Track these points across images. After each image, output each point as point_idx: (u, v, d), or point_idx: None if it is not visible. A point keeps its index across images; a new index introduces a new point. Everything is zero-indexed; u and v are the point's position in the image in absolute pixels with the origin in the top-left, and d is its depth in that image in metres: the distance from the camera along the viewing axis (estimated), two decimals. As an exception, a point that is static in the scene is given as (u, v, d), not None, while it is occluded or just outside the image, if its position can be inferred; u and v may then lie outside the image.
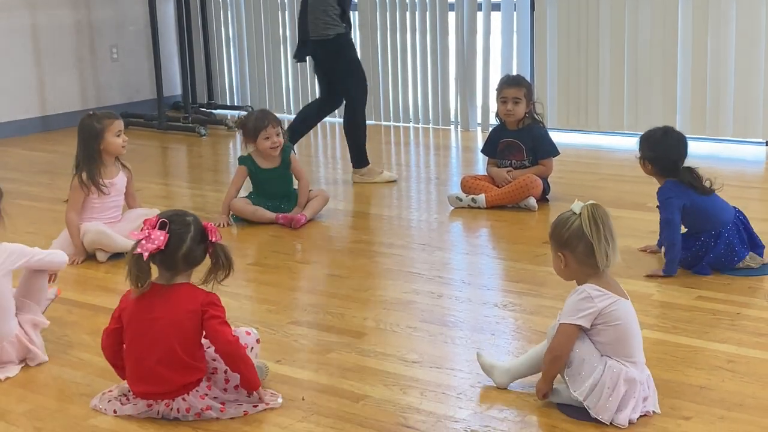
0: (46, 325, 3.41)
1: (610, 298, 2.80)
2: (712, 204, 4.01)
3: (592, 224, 2.79)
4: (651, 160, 4.05)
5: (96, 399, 3.02)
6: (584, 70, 7.03)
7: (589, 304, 2.79)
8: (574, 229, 2.81)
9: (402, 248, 4.61)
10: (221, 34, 8.83)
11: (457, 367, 3.23)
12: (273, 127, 5.01)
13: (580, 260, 2.83)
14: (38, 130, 8.04)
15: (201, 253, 2.90)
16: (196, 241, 2.87)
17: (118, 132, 4.52)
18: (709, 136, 6.58)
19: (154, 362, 2.86)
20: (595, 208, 2.82)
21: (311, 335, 3.55)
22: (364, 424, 2.85)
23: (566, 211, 2.88)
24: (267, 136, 5.00)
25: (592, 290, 2.81)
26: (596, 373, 2.77)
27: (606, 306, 2.79)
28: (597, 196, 5.28)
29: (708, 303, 3.73)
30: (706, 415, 2.83)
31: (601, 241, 2.79)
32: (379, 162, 6.73)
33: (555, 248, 2.89)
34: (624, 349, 2.81)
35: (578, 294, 2.82)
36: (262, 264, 4.46)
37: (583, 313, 2.79)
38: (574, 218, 2.83)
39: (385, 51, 7.89)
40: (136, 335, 2.90)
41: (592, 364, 2.78)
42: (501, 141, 5.34)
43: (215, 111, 8.56)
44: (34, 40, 8.00)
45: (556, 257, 2.90)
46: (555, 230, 2.88)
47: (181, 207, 5.48)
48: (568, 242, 2.83)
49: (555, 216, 2.97)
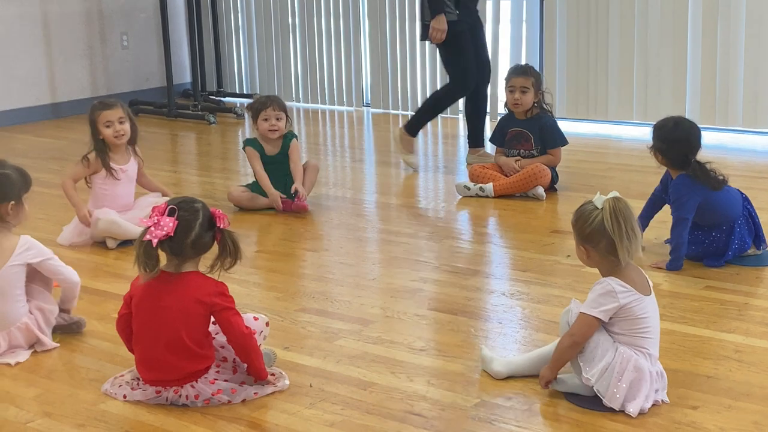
0: (56, 312, 3.43)
1: (633, 296, 2.79)
2: (724, 198, 3.98)
3: (614, 221, 2.77)
4: (662, 152, 4.03)
5: (107, 383, 3.04)
6: (593, 60, 7.01)
7: (612, 299, 2.78)
8: (596, 225, 2.79)
9: (410, 236, 4.62)
10: (231, 22, 8.84)
11: (465, 355, 3.24)
12: (274, 110, 5.02)
13: (603, 255, 2.82)
14: (49, 117, 8.07)
15: (209, 239, 2.91)
16: (204, 227, 2.88)
17: (107, 123, 4.52)
18: (719, 126, 6.56)
19: (162, 350, 2.87)
20: (617, 203, 2.79)
21: (319, 322, 3.56)
22: (371, 411, 2.86)
23: (588, 203, 2.86)
24: (266, 117, 5.02)
25: (617, 285, 2.79)
26: (608, 356, 2.78)
27: (628, 303, 2.79)
28: (605, 185, 5.29)
29: (716, 293, 3.73)
30: (714, 405, 2.83)
31: (623, 237, 2.77)
32: (387, 150, 6.74)
33: (577, 240, 2.88)
34: (637, 340, 2.81)
35: (602, 287, 2.80)
36: (270, 251, 4.48)
37: (604, 308, 2.79)
38: (596, 213, 2.80)
39: (393, 38, 7.88)
40: (144, 323, 2.92)
41: (605, 348, 2.79)
42: (509, 130, 5.34)
43: (224, 99, 8.57)
44: (45, 27, 8.02)
45: (578, 248, 2.89)
46: (577, 223, 2.86)
47: (189, 194, 5.52)
48: (590, 237, 2.82)
49: (563, 205, 2.97)
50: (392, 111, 7.94)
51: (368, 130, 7.56)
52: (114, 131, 4.54)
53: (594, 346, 2.80)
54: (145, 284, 2.91)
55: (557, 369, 2.89)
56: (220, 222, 2.90)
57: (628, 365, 2.77)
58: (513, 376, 3.01)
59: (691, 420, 2.75)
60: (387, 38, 7.90)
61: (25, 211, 3.39)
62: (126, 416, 2.89)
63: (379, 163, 6.31)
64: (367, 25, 8.04)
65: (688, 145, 3.99)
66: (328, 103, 8.32)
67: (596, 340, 2.80)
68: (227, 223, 2.93)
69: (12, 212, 3.32)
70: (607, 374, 2.77)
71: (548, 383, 2.90)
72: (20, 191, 3.36)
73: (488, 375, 3.05)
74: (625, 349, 2.79)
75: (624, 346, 2.80)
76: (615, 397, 2.77)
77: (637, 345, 2.81)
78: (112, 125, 4.53)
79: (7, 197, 3.31)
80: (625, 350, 2.79)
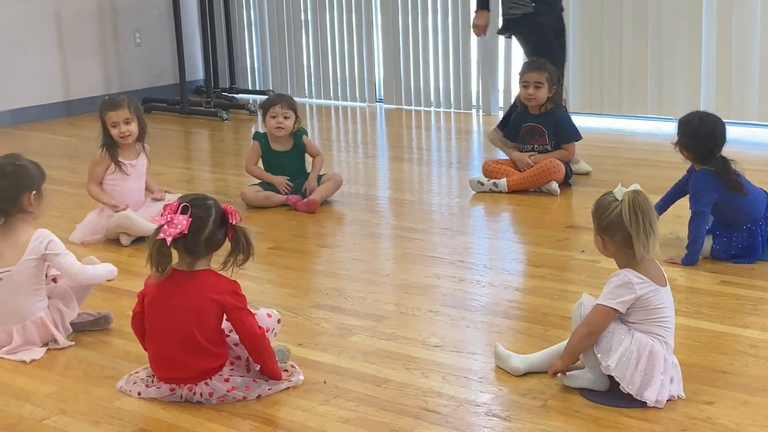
0: (73, 317, 3.43)
1: (650, 286, 2.79)
2: (744, 199, 3.96)
3: (632, 214, 2.76)
4: (687, 147, 4.01)
5: (122, 380, 3.05)
6: (607, 54, 6.98)
7: (629, 290, 2.78)
8: (614, 217, 2.79)
9: (423, 232, 4.61)
10: (243, 18, 8.84)
11: (479, 351, 3.23)
12: (282, 107, 5.04)
13: (618, 246, 2.82)
14: (62, 114, 8.09)
15: (222, 236, 2.91)
16: (217, 224, 2.88)
17: (113, 123, 4.55)
18: (735, 120, 6.52)
19: (175, 348, 2.88)
20: (637, 196, 2.79)
21: (333, 319, 3.56)
22: (385, 407, 2.86)
23: (608, 194, 2.86)
24: (273, 114, 5.05)
25: (633, 277, 2.79)
26: (625, 343, 2.78)
27: (645, 293, 2.79)
28: (620, 180, 5.23)
29: (731, 288, 3.71)
30: (729, 400, 2.82)
31: (640, 231, 2.76)
32: (400, 146, 6.73)
33: (595, 230, 2.89)
34: (654, 328, 2.81)
35: (618, 279, 2.80)
36: (283, 248, 4.48)
37: (621, 299, 2.79)
38: (615, 205, 2.80)
39: (406, 34, 7.87)
40: (156, 321, 2.92)
41: (621, 337, 2.79)
42: (523, 125, 5.32)
43: (237, 95, 8.58)
44: (58, 25, 8.04)
45: (596, 238, 2.90)
46: (596, 212, 2.87)
47: (202, 191, 5.53)
48: (607, 228, 2.82)
49: (577, 201, 2.96)
50: (405, 106, 7.93)
51: (381, 126, 7.55)
52: (119, 132, 4.55)
53: (609, 337, 2.80)
54: (158, 282, 2.91)
55: (571, 360, 2.88)
56: (232, 218, 2.90)
57: (645, 350, 2.76)
58: (531, 372, 3.00)
59: (707, 415, 2.74)
60: (400, 33, 7.89)
61: (45, 203, 3.42)
62: (141, 413, 2.89)
63: (392, 159, 6.31)
64: (380, 20, 8.03)
65: (713, 141, 3.98)
66: (341, 99, 8.32)
67: (611, 330, 2.80)
68: (239, 219, 2.93)
69: (35, 202, 3.35)
70: (624, 360, 2.77)
71: (557, 373, 2.88)
72: (39, 181, 3.40)
73: (503, 371, 3.04)
74: (642, 335, 2.79)
75: (640, 333, 2.80)
76: (633, 381, 2.76)
77: (653, 332, 2.81)
78: (117, 126, 4.55)
79: (28, 187, 3.34)
80: (641, 336, 2.79)
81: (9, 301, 3.31)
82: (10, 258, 3.30)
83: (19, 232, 3.33)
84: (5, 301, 3.31)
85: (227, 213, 2.90)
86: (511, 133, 5.40)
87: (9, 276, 3.29)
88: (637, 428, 2.69)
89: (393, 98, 8.03)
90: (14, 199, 3.32)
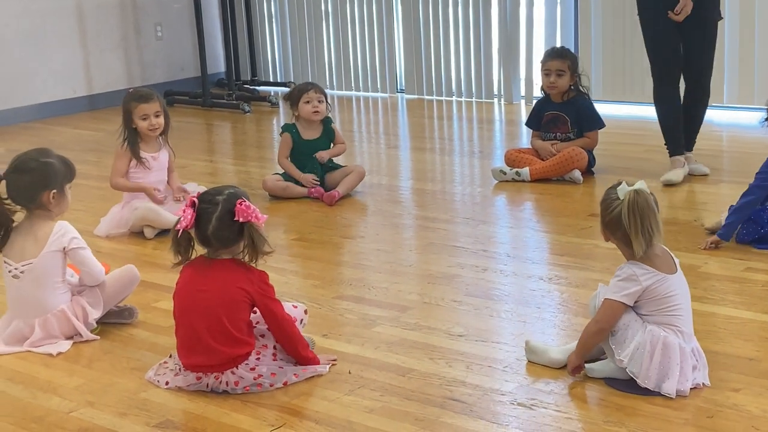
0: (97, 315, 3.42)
1: (655, 276, 2.78)
2: None
3: (631, 215, 2.75)
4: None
5: (152, 371, 3.07)
6: (629, 40, 6.92)
7: (633, 283, 2.78)
8: (615, 216, 2.79)
9: (446, 222, 4.61)
10: (264, 10, 8.85)
11: (503, 340, 3.23)
12: (315, 92, 5.08)
13: (620, 242, 2.83)
14: (85, 108, 8.13)
15: (232, 233, 2.88)
16: (223, 220, 2.86)
17: (143, 116, 4.56)
18: (758, 106, 6.45)
19: (203, 334, 2.89)
20: (637, 196, 2.75)
21: (357, 309, 3.56)
22: (410, 397, 2.86)
23: (614, 187, 2.84)
24: (308, 99, 5.06)
25: (638, 269, 2.79)
26: (638, 337, 2.77)
27: (651, 284, 2.78)
28: (643, 168, 5.24)
29: (757, 275, 3.68)
30: (756, 387, 2.80)
31: (638, 233, 2.75)
32: (422, 136, 6.72)
33: (600, 222, 2.89)
34: (666, 318, 2.79)
35: (623, 272, 2.81)
36: (307, 239, 4.49)
37: (627, 291, 2.78)
38: (616, 203, 2.79)
39: (427, 23, 7.85)
40: (184, 307, 2.95)
41: (635, 330, 2.79)
42: (546, 114, 5.30)
43: (259, 87, 8.60)
44: (80, 20, 8.08)
45: (602, 229, 2.90)
46: (601, 206, 2.87)
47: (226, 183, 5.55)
48: (608, 225, 2.84)
49: (600, 189, 2.96)
50: (426, 96, 7.91)
51: (403, 116, 7.54)
52: (149, 125, 4.57)
53: (624, 328, 2.79)
54: (185, 270, 2.94)
55: (583, 355, 2.88)
56: (239, 216, 2.85)
57: (658, 344, 2.75)
58: None
59: (733, 402, 2.72)
60: (420, 23, 7.87)
61: (67, 201, 3.43)
62: (167, 404, 2.91)
63: (414, 149, 6.30)
64: (400, 10, 8.01)
65: None
66: (362, 90, 8.31)
67: (626, 322, 2.80)
68: (253, 218, 2.87)
69: (54, 201, 3.36)
70: (638, 354, 2.76)
71: (576, 370, 2.88)
72: (63, 180, 3.40)
73: (530, 361, 3.03)
74: (654, 327, 2.78)
75: (653, 325, 2.79)
76: (648, 376, 2.76)
77: (666, 323, 2.80)
78: (148, 119, 4.57)
79: (49, 185, 3.35)
80: (653, 329, 2.77)
81: (31, 294, 3.34)
82: (32, 251, 3.33)
83: (39, 226, 3.35)
84: (28, 294, 3.34)
85: (235, 211, 2.87)
86: (534, 121, 5.38)
87: (30, 269, 3.32)
88: (662, 415, 2.68)
89: (414, 88, 8.01)
90: (33, 196, 3.34)
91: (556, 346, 3.04)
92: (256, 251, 2.90)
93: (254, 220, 2.88)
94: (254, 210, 2.90)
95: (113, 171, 4.66)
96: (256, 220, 2.89)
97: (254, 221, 2.88)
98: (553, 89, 5.22)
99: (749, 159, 5.20)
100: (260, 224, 2.90)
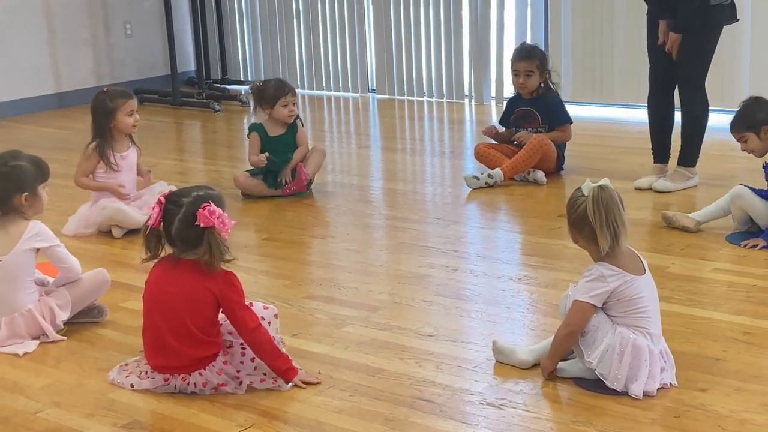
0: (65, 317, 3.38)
1: (624, 277, 2.80)
2: None
3: (596, 210, 2.77)
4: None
5: (113, 372, 3.04)
6: (599, 42, 6.98)
7: (602, 284, 2.79)
8: (581, 212, 2.81)
9: (416, 222, 4.61)
10: (234, 9, 8.81)
11: (473, 340, 3.24)
12: (292, 95, 5.08)
13: (588, 241, 2.84)
14: (53, 107, 8.06)
15: (195, 235, 2.84)
16: (185, 222, 2.83)
17: (130, 111, 4.54)
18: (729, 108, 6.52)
19: (167, 335, 2.87)
20: (602, 192, 2.78)
21: (327, 309, 3.56)
22: (380, 397, 2.86)
23: (579, 188, 2.87)
24: (285, 103, 5.06)
25: (606, 270, 2.80)
26: (607, 338, 2.79)
27: (619, 285, 2.80)
28: (612, 169, 5.27)
29: (724, 275, 3.72)
30: (723, 387, 2.83)
31: (603, 227, 2.76)
32: (393, 136, 6.72)
33: (567, 223, 2.91)
34: (635, 320, 2.81)
35: (591, 273, 2.82)
36: (277, 239, 4.48)
37: (595, 292, 2.80)
38: (582, 200, 2.81)
39: (398, 24, 7.85)
40: (150, 307, 2.93)
41: (605, 331, 2.80)
42: (516, 110, 5.33)
43: (229, 86, 8.56)
44: (48, 17, 8.00)
45: (569, 230, 2.92)
46: (567, 206, 2.89)
47: (196, 183, 5.52)
48: (575, 223, 2.85)
49: (569, 189, 2.98)
50: (397, 96, 7.92)
51: (374, 116, 7.54)
52: (135, 120, 4.56)
53: (594, 330, 2.81)
54: (154, 269, 2.93)
55: (557, 359, 2.90)
56: (200, 220, 2.81)
57: (627, 346, 2.77)
58: (539, 363, 2.98)
59: (701, 402, 2.75)
60: (391, 23, 7.87)
61: (42, 202, 3.40)
62: (135, 405, 2.89)
63: (385, 149, 6.30)
64: (371, 10, 8.01)
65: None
66: (333, 90, 8.30)
67: (596, 323, 2.81)
68: (215, 223, 2.82)
69: (27, 203, 3.33)
70: (607, 356, 2.78)
71: (551, 373, 2.90)
72: (35, 182, 3.37)
73: (498, 361, 3.03)
74: (624, 329, 2.80)
75: (622, 327, 2.80)
76: (617, 378, 2.78)
77: (635, 325, 2.81)
78: (133, 114, 4.55)
79: (20, 189, 3.32)
80: (623, 331, 2.79)
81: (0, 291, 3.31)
82: (3, 248, 3.29)
83: (13, 224, 3.33)
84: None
85: (197, 215, 2.81)
86: (505, 117, 5.40)
87: (0, 266, 3.29)
88: (630, 415, 2.69)
89: (385, 88, 8.01)
90: (5, 200, 3.32)
91: (524, 347, 3.05)
92: (213, 258, 2.85)
93: (217, 226, 2.83)
94: (220, 215, 2.83)
95: (78, 170, 4.62)
96: (221, 225, 2.83)
97: (216, 227, 2.83)
98: (523, 89, 5.25)
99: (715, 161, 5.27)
100: (225, 230, 2.84)
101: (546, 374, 2.90)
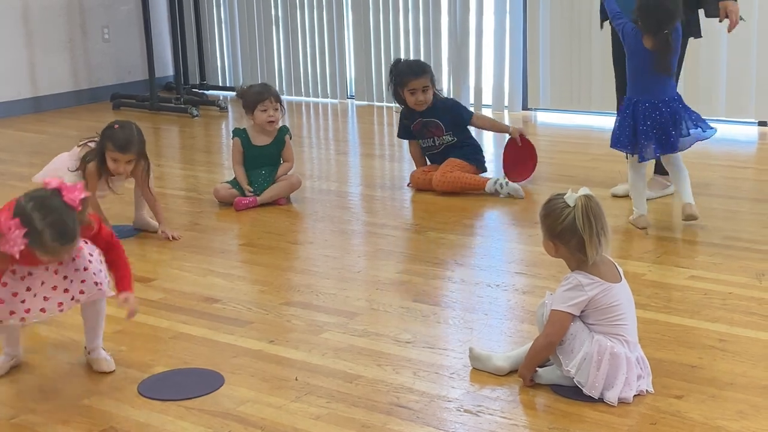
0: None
1: (601, 286, 2.81)
2: None
3: (586, 220, 2.76)
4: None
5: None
6: (576, 50, 7.02)
7: (580, 293, 2.80)
8: (568, 224, 2.79)
9: (394, 229, 4.61)
10: (213, 14, 8.79)
11: (450, 347, 3.24)
12: (272, 101, 5.02)
13: (572, 251, 2.83)
14: (30, 111, 8.01)
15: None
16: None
17: (115, 158, 4.31)
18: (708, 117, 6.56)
19: None
20: (589, 201, 2.79)
21: (304, 315, 3.55)
22: (357, 403, 2.86)
23: (557, 198, 2.84)
24: (264, 108, 5.01)
25: (583, 278, 2.81)
26: (585, 346, 2.79)
27: (596, 294, 2.80)
28: (589, 176, 5.30)
29: (699, 282, 3.74)
30: (698, 394, 2.84)
31: (593, 236, 2.77)
32: (372, 142, 6.73)
33: (547, 236, 2.87)
34: (612, 328, 2.82)
35: (569, 282, 2.82)
36: (255, 245, 4.46)
37: (573, 302, 2.80)
38: (567, 211, 2.79)
39: (377, 31, 7.86)
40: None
41: (582, 339, 2.81)
42: (414, 124, 5.31)
43: (207, 91, 8.54)
44: (25, 20, 7.96)
45: (547, 244, 2.89)
46: (547, 219, 2.85)
47: (173, 188, 5.51)
48: (561, 235, 2.82)
49: (546, 197, 2.95)
50: (377, 103, 7.92)
51: (352, 123, 7.55)
52: (123, 169, 4.35)
53: (572, 338, 2.81)
54: None
55: (533, 367, 2.90)
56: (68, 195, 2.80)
57: (605, 354, 2.78)
58: (515, 369, 2.99)
59: (676, 409, 2.76)
60: (371, 30, 7.88)
61: None
62: (110, 411, 2.87)
63: (364, 156, 6.30)
64: (351, 17, 8.01)
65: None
66: (312, 96, 8.30)
67: (573, 331, 2.81)
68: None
69: None
70: (585, 364, 2.79)
71: (530, 382, 2.91)
72: None
73: (474, 368, 3.04)
74: (601, 337, 2.80)
75: (599, 335, 2.81)
76: (594, 385, 2.78)
77: (612, 333, 2.82)
78: (118, 161, 4.33)
79: None
80: (601, 339, 2.80)
81: None
82: None
83: None
84: None
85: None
86: (405, 132, 5.40)
87: None
88: (606, 422, 2.70)
89: (364, 95, 8.02)
90: None
91: (500, 354, 3.06)
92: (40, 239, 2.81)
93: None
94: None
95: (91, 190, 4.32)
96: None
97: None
98: (422, 105, 5.22)
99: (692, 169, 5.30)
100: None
101: (527, 383, 2.91)
